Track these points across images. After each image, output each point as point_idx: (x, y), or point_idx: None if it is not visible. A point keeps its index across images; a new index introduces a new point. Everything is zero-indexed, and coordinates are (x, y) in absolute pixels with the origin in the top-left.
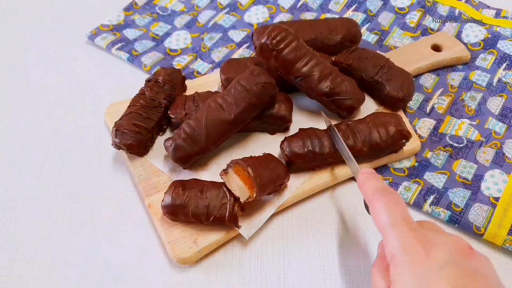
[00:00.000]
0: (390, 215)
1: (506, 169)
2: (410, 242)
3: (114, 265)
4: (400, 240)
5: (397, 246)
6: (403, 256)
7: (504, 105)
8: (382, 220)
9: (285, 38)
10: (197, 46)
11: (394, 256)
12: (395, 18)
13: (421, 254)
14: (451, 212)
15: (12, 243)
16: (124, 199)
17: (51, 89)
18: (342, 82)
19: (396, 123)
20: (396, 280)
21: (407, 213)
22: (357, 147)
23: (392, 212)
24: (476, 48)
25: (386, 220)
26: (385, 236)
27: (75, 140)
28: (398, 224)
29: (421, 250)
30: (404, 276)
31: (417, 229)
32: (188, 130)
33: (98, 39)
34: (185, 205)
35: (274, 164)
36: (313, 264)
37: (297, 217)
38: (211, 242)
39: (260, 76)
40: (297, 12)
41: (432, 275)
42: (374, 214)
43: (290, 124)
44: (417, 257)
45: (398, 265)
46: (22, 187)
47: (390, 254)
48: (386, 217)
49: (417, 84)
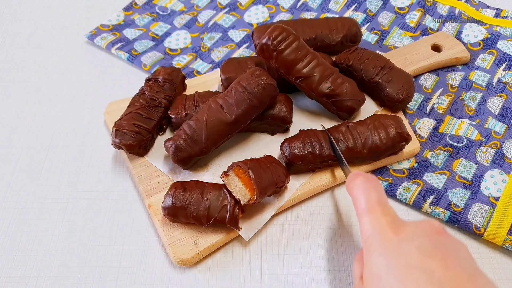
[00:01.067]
0: (367, 202)
1: (506, 169)
2: (382, 225)
3: (114, 265)
4: (374, 224)
5: (370, 230)
6: (374, 237)
7: (503, 105)
8: (361, 207)
9: (286, 39)
10: (197, 46)
11: (367, 240)
12: (395, 18)
13: (391, 234)
14: (451, 212)
15: (12, 243)
16: (124, 199)
17: (51, 89)
18: (343, 83)
19: (397, 125)
20: (368, 260)
21: (383, 198)
22: (357, 149)
23: (369, 199)
24: (476, 48)
25: (364, 207)
26: (361, 223)
27: (75, 140)
28: (373, 209)
29: (391, 231)
30: (375, 255)
31: (391, 214)
32: (189, 131)
33: (98, 39)
34: (185, 206)
35: (275, 166)
36: (313, 265)
37: (297, 218)
38: (211, 244)
39: (261, 77)
40: (297, 12)
41: (402, 249)
42: (354, 202)
43: (290, 124)
44: (387, 236)
45: (371, 246)
46: (22, 187)
47: (365, 237)
48: (364, 204)
49: (417, 84)
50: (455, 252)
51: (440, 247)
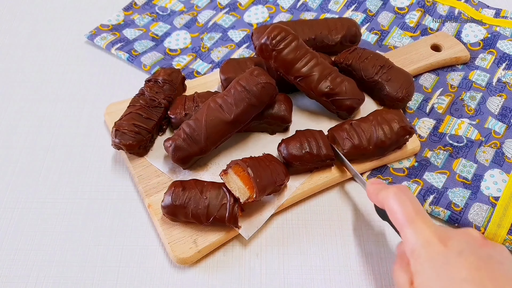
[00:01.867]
0: (405, 213)
1: (505, 169)
2: (427, 236)
3: (114, 265)
4: (419, 236)
5: (416, 242)
6: (423, 249)
7: (503, 105)
8: (399, 219)
9: (285, 38)
10: (197, 46)
11: (414, 251)
12: (394, 18)
13: (439, 246)
14: (451, 212)
15: (12, 243)
16: (124, 199)
17: (50, 89)
18: (342, 82)
19: (399, 119)
20: (418, 271)
21: (420, 209)
22: (363, 146)
23: (407, 210)
24: (476, 48)
25: (402, 219)
26: (404, 234)
27: (75, 140)
28: (414, 221)
29: (439, 243)
30: (425, 267)
31: (432, 224)
32: (188, 130)
33: (98, 39)
34: (185, 205)
35: (274, 164)
36: (313, 264)
37: (297, 217)
38: (211, 243)
39: (260, 76)
40: (296, 12)
41: (451, 263)
42: (391, 214)
43: (289, 124)
44: (435, 249)
45: (419, 258)
46: (22, 187)
47: (410, 249)
48: (402, 216)
49: (417, 84)
50: (501, 264)
51: (486, 259)
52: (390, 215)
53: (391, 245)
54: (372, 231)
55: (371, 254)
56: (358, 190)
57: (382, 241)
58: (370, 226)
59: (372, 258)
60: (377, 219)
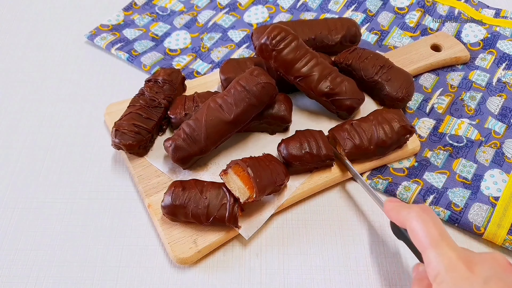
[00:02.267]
0: (429, 235)
1: (505, 169)
2: (452, 260)
3: (114, 265)
4: (443, 259)
5: (440, 265)
6: (447, 274)
7: (503, 105)
8: (422, 241)
9: (284, 38)
10: (197, 46)
11: (438, 275)
12: (394, 18)
13: (465, 272)
14: (451, 212)
15: (12, 243)
16: (124, 199)
17: (50, 89)
18: (342, 82)
19: (399, 118)
20: None
21: (444, 231)
22: (364, 146)
23: (430, 231)
24: (476, 48)
25: (425, 241)
26: (427, 256)
27: (75, 140)
28: (438, 243)
29: (465, 268)
30: None
31: (457, 247)
32: (188, 130)
33: (98, 39)
34: (185, 205)
35: (274, 164)
36: (313, 264)
37: (297, 217)
38: (211, 243)
39: (260, 76)
40: (296, 12)
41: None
42: (413, 235)
43: (289, 124)
44: (461, 275)
45: (443, 283)
46: (22, 187)
47: (434, 273)
48: (425, 237)
49: (417, 84)
50: None
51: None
52: (412, 236)
53: (391, 245)
54: (372, 231)
55: (371, 254)
56: (358, 190)
57: (382, 241)
58: (370, 226)
59: (372, 258)
60: (377, 219)
